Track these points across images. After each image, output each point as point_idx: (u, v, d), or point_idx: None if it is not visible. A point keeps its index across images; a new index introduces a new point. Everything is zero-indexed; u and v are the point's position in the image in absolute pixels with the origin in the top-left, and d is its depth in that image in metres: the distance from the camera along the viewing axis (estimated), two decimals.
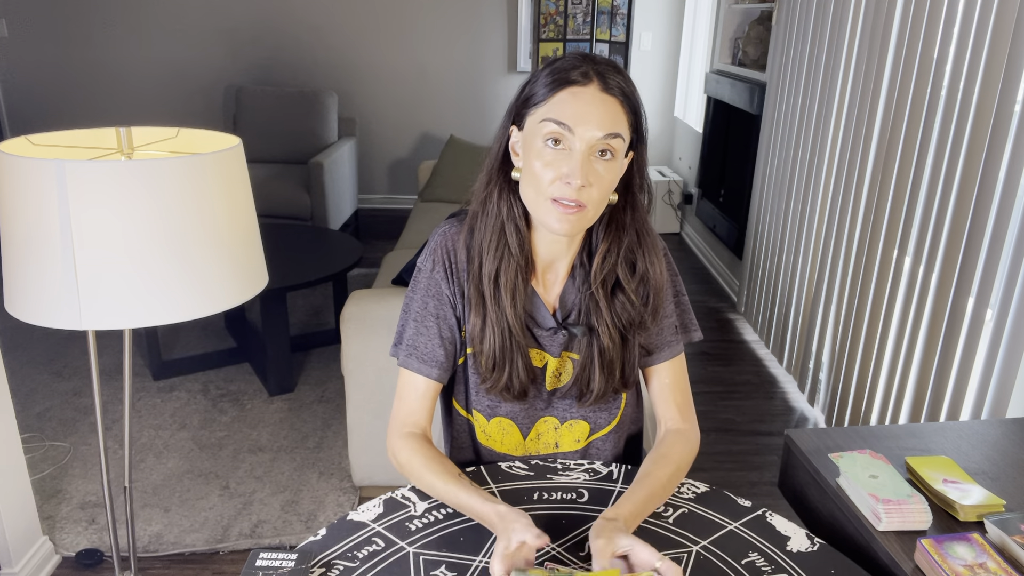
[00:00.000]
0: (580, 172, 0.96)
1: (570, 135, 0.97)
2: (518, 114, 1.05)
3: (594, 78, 0.98)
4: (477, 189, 1.10)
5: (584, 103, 0.97)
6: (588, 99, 0.97)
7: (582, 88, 0.98)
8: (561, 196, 0.98)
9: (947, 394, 1.96)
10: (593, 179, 0.98)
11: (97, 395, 1.31)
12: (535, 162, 1.00)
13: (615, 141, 0.98)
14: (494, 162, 1.08)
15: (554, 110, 0.98)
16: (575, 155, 0.97)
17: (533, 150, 1.00)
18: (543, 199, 1.00)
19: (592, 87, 0.98)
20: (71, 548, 2.01)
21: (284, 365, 2.81)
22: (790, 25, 3.10)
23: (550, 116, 0.98)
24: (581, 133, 0.97)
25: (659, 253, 1.12)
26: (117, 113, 5.09)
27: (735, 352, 3.34)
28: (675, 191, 4.92)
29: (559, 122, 0.97)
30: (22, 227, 1.04)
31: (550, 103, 0.99)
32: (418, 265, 1.14)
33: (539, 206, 1.01)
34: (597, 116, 0.97)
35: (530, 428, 1.18)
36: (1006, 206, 1.77)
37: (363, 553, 0.96)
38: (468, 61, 5.13)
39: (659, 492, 1.03)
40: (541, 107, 1.00)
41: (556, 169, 0.98)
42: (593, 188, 0.98)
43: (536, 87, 1.02)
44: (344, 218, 4.49)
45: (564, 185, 0.98)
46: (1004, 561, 0.95)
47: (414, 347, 1.11)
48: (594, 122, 0.97)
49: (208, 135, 1.29)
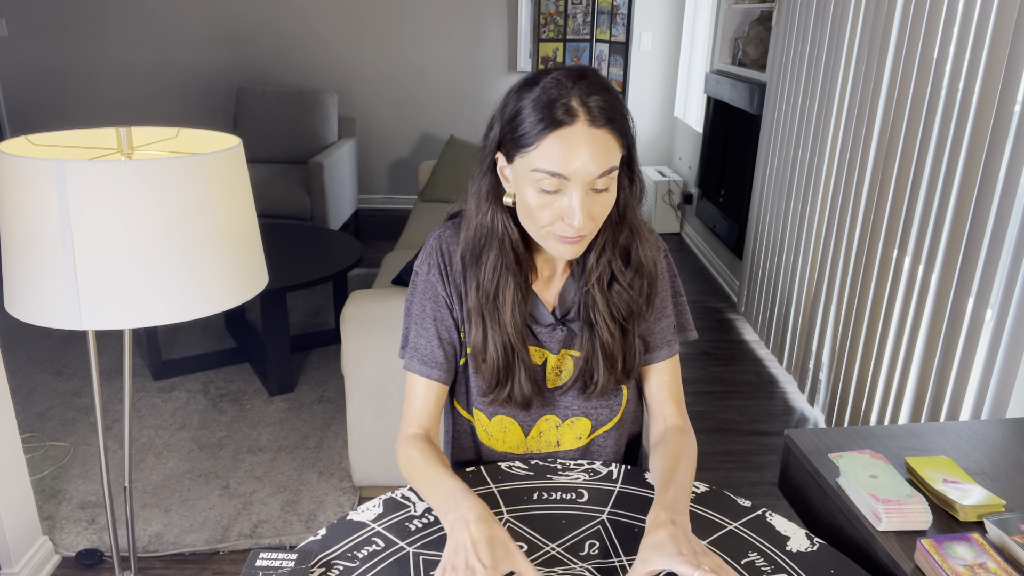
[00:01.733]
0: (581, 216, 0.95)
1: (566, 183, 0.95)
2: (504, 148, 1.00)
3: (579, 112, 0.93)
4: (469, 211, 1.08)
5: (574, 146, 0.93)
6: (578, 140, 0.93)
7: (570, 129, 0.92)
8: (561, 233, 0.98)
9: (947, 394, 1.96)
10: (594, 213, 0.98)
11: (97, 395, 1.31)
12: (530, 201, 0.97)
13: (612, 174, 0.97)
14: (482, 187, 1.05)
15: (544, 159, 0.93)
16: (573, 198, 0.95)
17: (527, 189, 0.97)
18: (543, 233, 1.00)
19: (580, 125, 0.93)
20: (71, 548, 2.01)
21: (284, 365, 2.81)
22: (790, 25, 3.10)
23: (541, 167, 0.94)
24: (576, 179, 0.94)
25: (652, 244, 1.12)
26: (117, 113, 5.09)
27: (735, 352, 3.34)
28: (675, 191, 4.92)
29: (552, 173, 0.94)
30: (22, 227, 1.04)
31: (539, 150, 0.94)
32: (415, 268, 1.14)
33: (540, 238, 1.02)
34: (593, 157, 0.93)
35: (531, 426, 1.18)
36: (1006, 206, 1.77)
37: (363, 553, 0.96)
38: (468, 61, 5.13)
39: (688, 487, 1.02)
40: (530, 153, 0.95)
41: (553, 211, 0.97)
42: (594, 221, 0.99)
43: (509, 128, 0.97)
44: (344, 218, 4.49)
45: (565, 225, 0.97)
46: (1004, 561, 0.95)
47: (416, 349, 1.13)
48: (588, 164, 0.93)
49: (208, 135, 1.29)
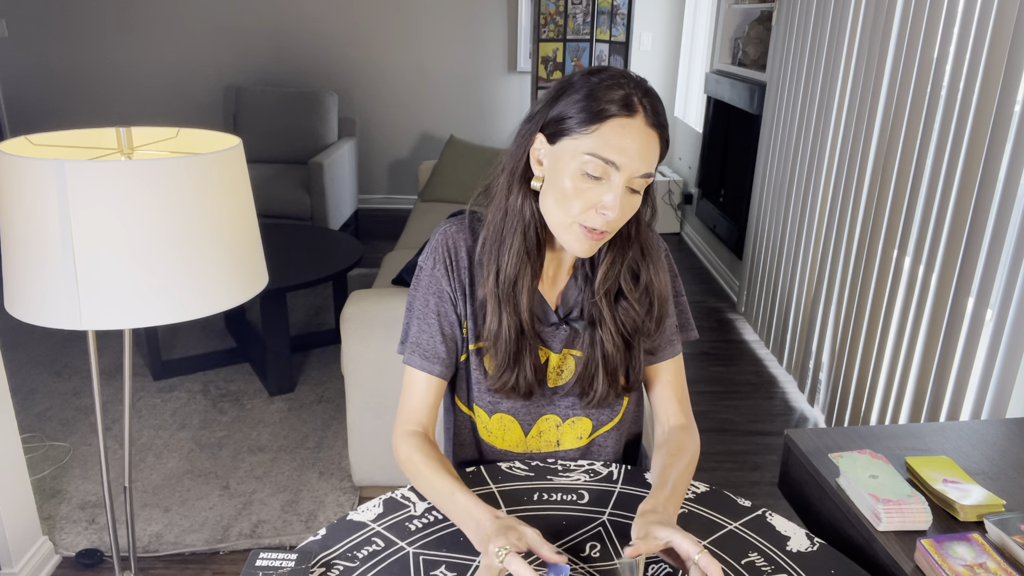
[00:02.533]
0: (619, 208, 0.96)
1: (616, 172, 0.95)
2: (550, 128, 1.00)
3: (639, 109, 0.94)
4: (497, 192, 1.08)
5: (631, 139, 0.94)
6: (635, 135, 0.94)
7: (629, 120, 0.94)
8: (592, 225, 0.98)
9: (947, 394, 1.96)
10: (626, 211, 0.99)
11: (97, 395, 1.31)
12: (567, 186, 0.97)
13: (648, 178, 0.98)
14: (517, 167, 1.05)
15: (601, 146, 0.94)
16: (615, 189, 0.96)
17: (566, 174, 0.97)
18: (569, 221, 1.00)
19: (639, 120, 0.94)
20: (71, 548, 2.01)
21: (284, 365, 2.81)
22: (790, 25, 3.10)
23: (597, 152, 0.94)
24: (625, 169, 0.95)
25: (663, 264, 1.12)
26: (117, 113, 5.09)
27: (735, 352, 3.34)
28: (675, 191, 4.92)
29: (607, 160, 0.94)
30: (22, 227, 1.04)
31: (596, 135, 0.94)
32: (419, 263, 1.14)
33: (563, 227, 1.01)
34: (643, 154, 0.95)
35: (531, 425, 1.18)
36: (1006, 206, 1.77)
37: (363, 553, 0.96)
38: (468, 61, 5.13)
39: (682, 483, 1.03)
40: (584, 137, 0.95)
41: (589, 200, 0.97)
42: (621, 219, 0.99)
43: (572, 108, 0.96)
44: (344, 218, 4.49)
45: (597, 215, 0.97)
46: (1004, 561, 0.95)
47: (417, 344, 1.12)
48: (640, 161, 0.95)
49: (208, 135, 1.29)
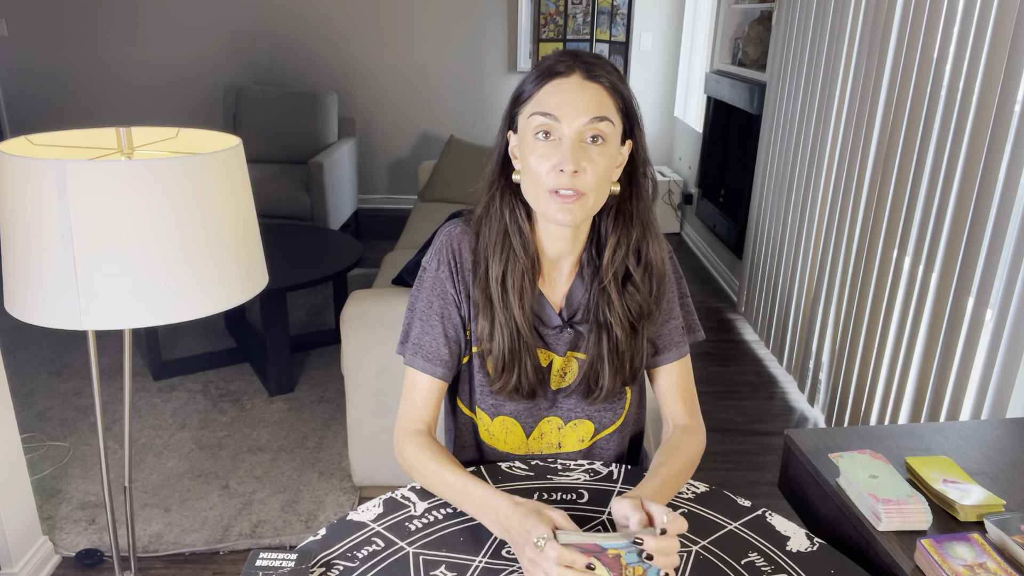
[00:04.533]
0: (571, 158, 0.98)
1: (558, 124, 0.99)
2: (512, 116, 1.07)
3: (577, 68, 1.01)
4: (480, 193, 1.11)
5: (568, 91, 1.00)
6: (571, 87, 1.00)
7: (565, 78, 1.00)
8: (558, 186, 0.99)
9: (947, 394, 1.96)
10: (586, 164, 0.99)
11: (97, 395, 1.31)
12: (530, 157, 1.02)
13: (603, 125, 1.00)
14: (495, 166, 1.10)
15: (540, 103, 1.01)
16: (565, 142, 0.99)
17: (527, 145, 1.03)
18: (542, 192, 1.01)
19: (575, 76, 1.01)
20: (71, 548, 2.02)
21: (284, 365, 2.81)
22: (790, 25, 3.10)
23: (537, 109, 1.01)
24: (568, 120, 0.99)
25: (661, 242, 1.13)
26: (117, 113, 5.09)
27: (735, 352, 3.34)
28: (675, 191, 4.92)
29: (545, 113, 1.00)
30: (22, 227, 1.04)
31: (536, 97, 1.01)
32: (423, 264, 1.14)
33: (539, 200, 1.02)
34: (582, 102, 0.99)
35: (533, 427, 1.18)
36: (1006, 206, 1.77)
37: (363, 553, 0.96)
38: (468, 61, 5.13)
39: (673, 481, 1.03)
40: (529, 103, 1.02)
41: (549, 160, 1.00)
42: (587, 174, 0.99)
43: (524, 85, 1.05)
44: (344, 218, 4.49)
45: (558, 174, 0.99)
46: (1004, 561, 0.95)
47: (419, 346, 1.12)
48: (579, 108, 0.99)
49: (208, 135, 1.29)
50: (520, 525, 0.88)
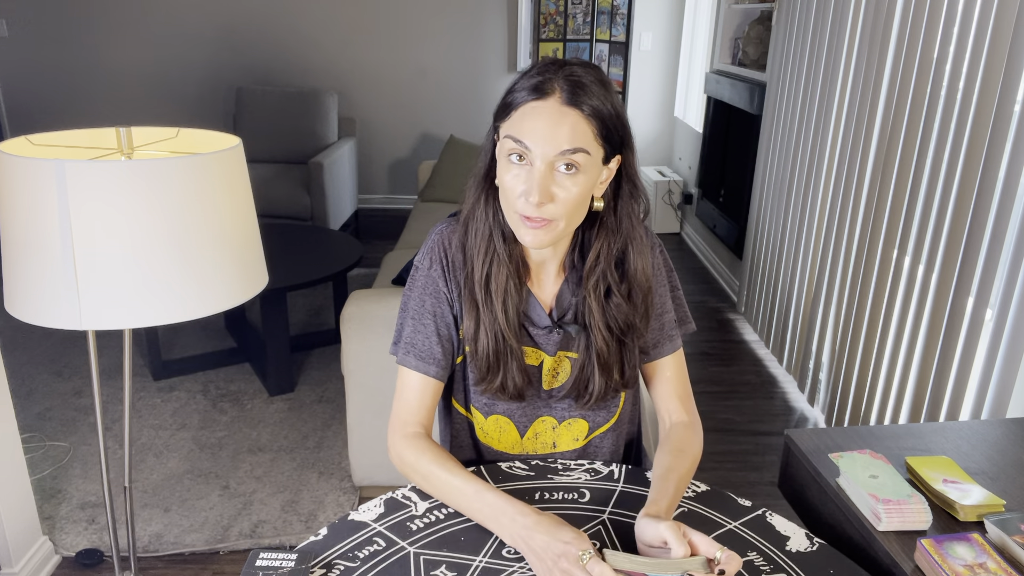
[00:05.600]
0: (537, 190, 0.95)
1: (529, 153, 0.96)
2: (496, 123, 1.04)
3: (556, 91, 0.95)
4: (467, 192, 1.10)
5: (542, 118, 0.95)
6: (546, 114, 0.95)
7: (541, 103, 0.95)
8: (526, 212, 0.98)
9: (947, 394, 1.96)
10: (557, 190, 0.97)
11: (97, 395, 1.31)
12: (505, 176, 0.99)
13: (577, 156, 0.95)
14: (482, 168, 1.08)
15: (515, 126, 0.97)
16: (535, 172, 0.96)
17: (503, 163, 1.00)
18: (512, 213, 1.00)
19: (552, 100, 0.95)
20: (71, 548, 2.02)
21: (284, 365, 2.81)
22: (790, 25, 3.10)
23: (510, 133, 0.97)
24: (539, 150, 0.95)
25: (648, 257, 1.11)
26: (117, 113, 5.09)
27: (735, 352, 3.34)
28: (675, 191, 4.92)
29: (517, 139, 0.96)
30: (22, 227, 1.04)
31: (513, 118, 0.97)
32: (415, 263, 1.14)
33: (511, 218, 1.02)
34: (555, 132, 0.94)
35: (527, 427, 1.18)
36: (1006, 206, 1.77)
37: (364, 553, 0.96)
38: (468, 61, 5.13)
39: (682, 485, 1.03)
40: (506, 121, 0.99)
41: (520, 184, 0.98)
42: (557, 204, 0.97)
43: (508, 95, 1.00)
44: (344, 218, 4.49)
45: (525, 202, 0.97)
46: (1004, 561, 0.95)
47: (412, 344, 1.11)
48: (551, 139, 0.94)
49: (208, 135, 1.29)
50: (551, 535, 0.87)
